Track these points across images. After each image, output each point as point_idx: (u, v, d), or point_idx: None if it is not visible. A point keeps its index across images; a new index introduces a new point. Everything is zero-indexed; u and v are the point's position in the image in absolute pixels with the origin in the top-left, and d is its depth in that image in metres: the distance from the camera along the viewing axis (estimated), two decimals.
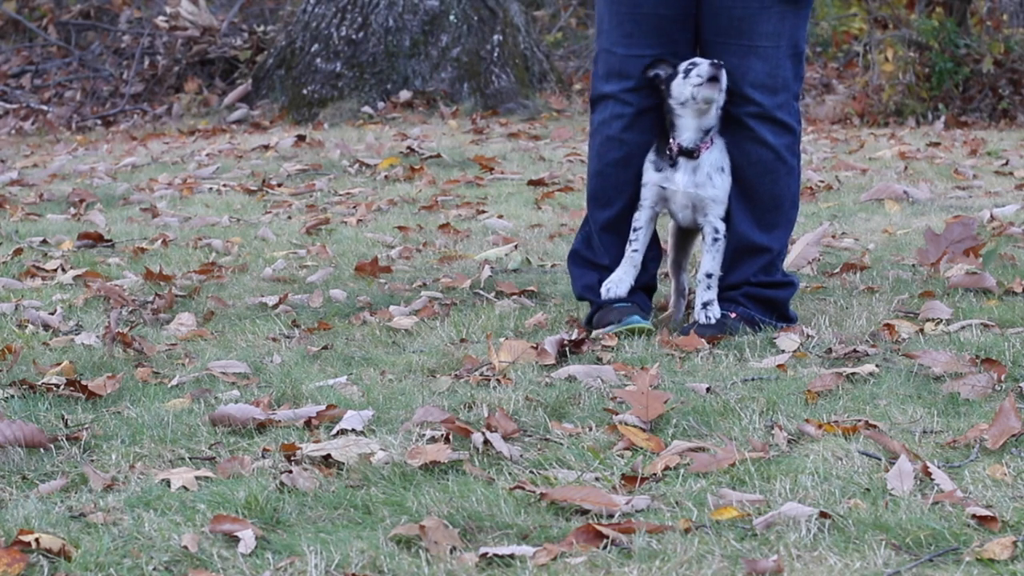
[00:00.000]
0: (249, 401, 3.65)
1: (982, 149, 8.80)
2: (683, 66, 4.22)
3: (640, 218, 4.34)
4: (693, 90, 4.20)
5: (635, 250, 4.36)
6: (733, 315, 4.30)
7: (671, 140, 4.27)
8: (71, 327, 4.63)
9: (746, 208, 4.32)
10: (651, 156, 4.33)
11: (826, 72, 13.99)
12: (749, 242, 4.33)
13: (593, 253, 4.45)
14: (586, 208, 4.53)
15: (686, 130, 4.25)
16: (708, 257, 4.32)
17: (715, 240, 4.31)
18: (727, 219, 4.31)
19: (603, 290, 4.35)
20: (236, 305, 4.94)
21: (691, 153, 4.26)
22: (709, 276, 4.31)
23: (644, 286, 4.42)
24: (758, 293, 4.34)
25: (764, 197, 4.33)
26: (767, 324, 4.32)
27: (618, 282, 4.34)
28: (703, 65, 4.18)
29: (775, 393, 3.65)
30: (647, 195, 4.33)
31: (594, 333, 4.27)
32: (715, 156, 4.28)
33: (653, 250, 4.45)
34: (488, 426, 3.36)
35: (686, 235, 4.51)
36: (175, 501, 2.95)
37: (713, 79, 4.16)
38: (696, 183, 4.28)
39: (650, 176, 4.32)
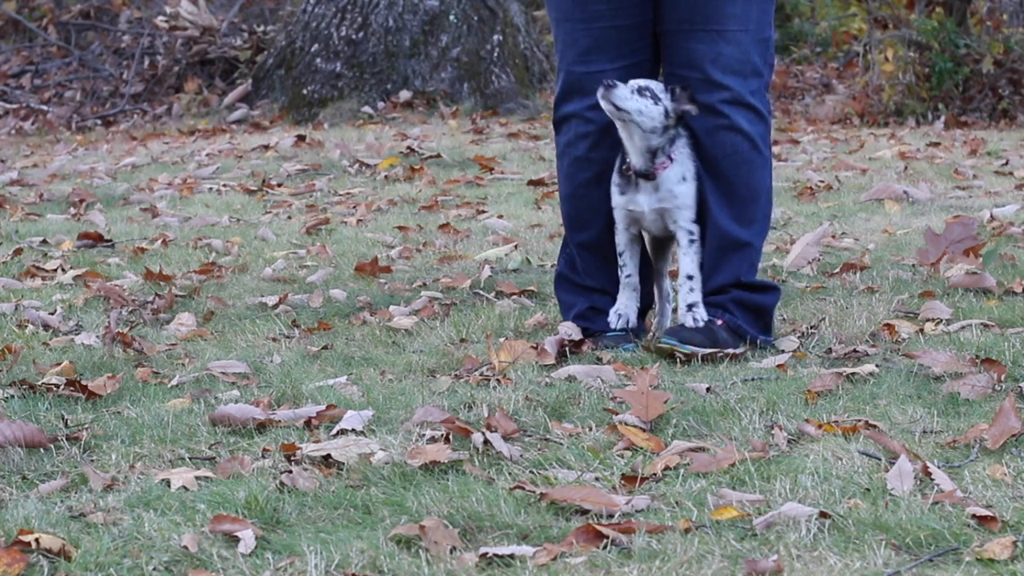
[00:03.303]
0: (249, 401, 3.65)
1: (982, 149, 8.80)
2: None
3: (621, 242, 4.26)
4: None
5: (628, 275, 4.26)
6: (720, 322, 4.14)
7: (629, 162, 4.18)
8: (71, 327, 4.63)
9: (724, 203, 4.19)
10: (615, 178, 4.23)
11: (826, 72, 13.99)
12: (732, 238, 4.19)
13: (579, 276, 4.35)
14: (564, 230, 4.42)
15: (631, 153, 4.16)
16: (687, 260, 4.19)
17: (691, 242, 4.19)
18: (706, 217, 4.19)
19: (612, 319, 4.25)
20: (236, 305, 4.94)
21: (647, 176, 4.15)
22: (690, 278, 4.19)
23: (642, 307, 4.32)
24: (747, 298, 4.19)
25: (741, 189, 4.19)
26: (751, 337, 4.16)
27: (625, 309, 4.25)
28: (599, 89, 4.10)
29: (775, 393, 3.65)
30: (619, 218, 4.24)
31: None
32: (674, 170, 4.16)
33: (644, 267, 4.34)
34: (488, 426, 3.36)
35: (662, 242, 4.40)
36: (175, 501, 2.95)
37: (602, 96, 4.05)
38: (659, 199, 4.17)
39: (616, 200, 4.23)
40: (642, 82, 4.11)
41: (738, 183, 4.19)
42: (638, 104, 4.09)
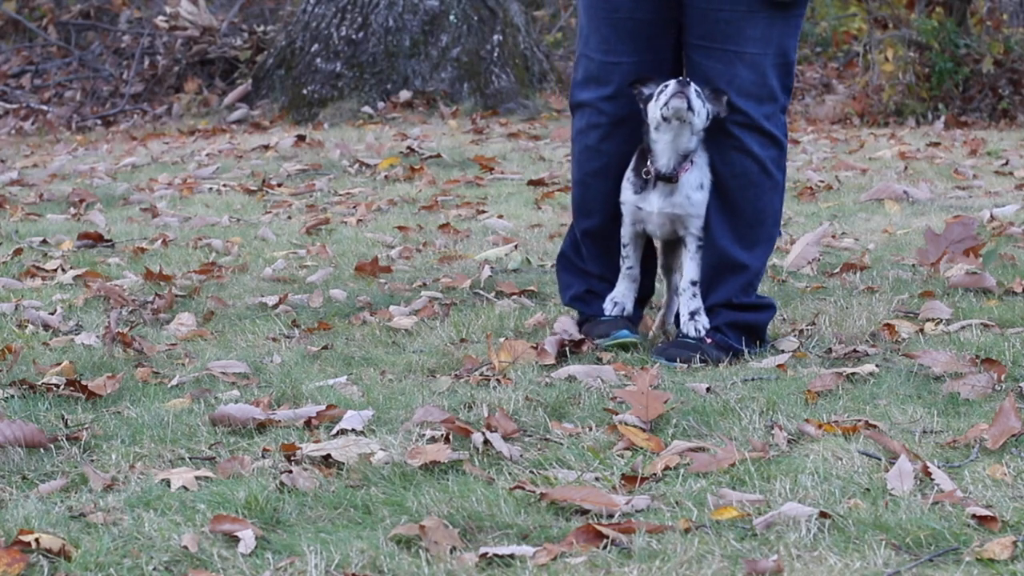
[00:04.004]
0: (249, 401, 3.65)
1: (982, 149, 8.80)
2: (658, 88, 4.07)
3: (626, 235, 4.23)
4: (663, 109, 4.03)
5: (630, 267, 4.24)
6: (709, 340, 4.11)
7: (648, 163, 4.12)
8: (71, 327, 4.63)
9: (727, 222, 4.15)
10: (629, 174, 4.18)
11: (826, 72, 13.99)
12: (729, 259, 4.15)
13: (582, 260, 4.33)
14: (572, 214, 4.41)
15: (662, 155, 4.09)
16: (692, 265, 4.17)
17: (699, 248, 4.16)
18: (706, 235, 4.16)
19: (607, 306, 4.24)
20: (236, 305, 4.94)
21: (669, 179, 4.10)
22: (694, 283, 4.16)
23: (640, 297, 4.31)
24: (738, 318, 4.15)
25: (747, 212, 4.15)
26: (742, 353, 4.11)
27: (622, 298, 4.24)
28: (670, 83, 4.04)
29: (775, 393, 3.65)
30: (626, 213, 4.20)
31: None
32: (694, 175, 4.12)
33: (645, 259, 4.31)
34: (488, 426, 3.36)
35: (673, 241, 4.34)
36: (175, 501, 2.95)
37: (679, 92, 4.00)
38: (672, 203, 4.13)
39: (627, 196, 4.19)
40: (695, 85, 4.06)
41: (743, 204, 4.15)
42: (698, 104, 4.06)
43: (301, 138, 9.58)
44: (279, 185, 7.98)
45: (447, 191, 7.63)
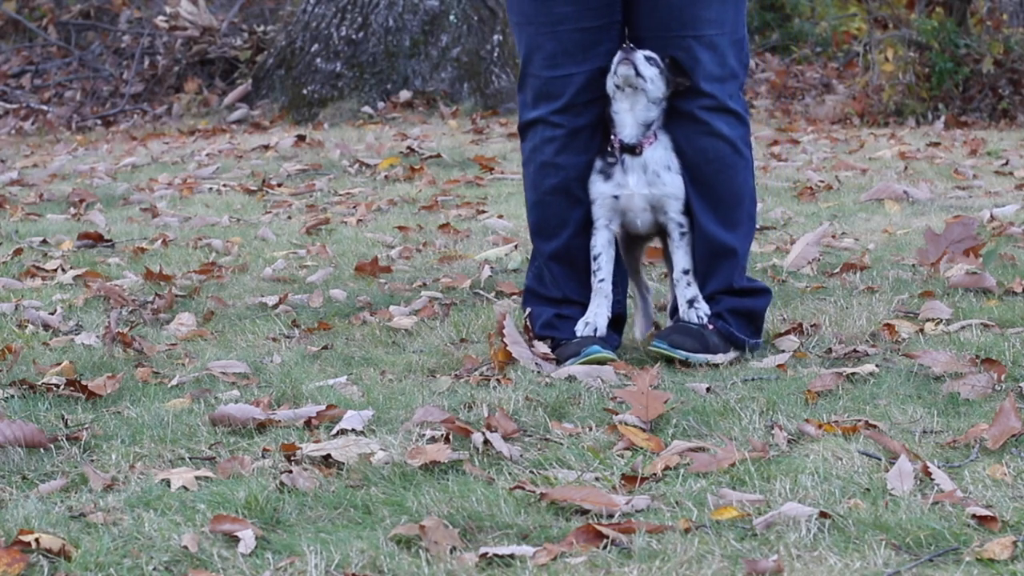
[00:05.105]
0: (249, 401, 3.65)
1: (982, 149, 8.79)
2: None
3: (598, 243, 4.12)
4: (613, 78, 4.03)
5: (602, 280, 4.12)
6: (711, 327, 4.07)
7: (612, 137, 4.08)
8: (71, 327, 4.63)
9: (709, 208, 4.10)
10: (597, 165, 4.11)
11: (826, 72, 13.98)
12: (720, 243, 4.11)
13: (547, 288, 4.20)
14: (531, 243, 4.27)
15: (625, 125, 4.05)
16: (681, 253, 4.11)
17: (683, 235, 4.11)
18: (693, 224, 4.11)
19: (579, 327, 4.09)
20: (236, 305, 4.94)
21: (633, 149, 4.07)
22: (687, 272, 4.11)
23: (613, 316, 4.15)
24: (739, 304, 4.12)
25: (725, 194, 4.12)
26: (742, 343, 4.10)
27: (594, 318, 4.11)
28: (617, 54, 4.04)
29: (775, 393, 3.65)
30: (600, 213, 4.11)
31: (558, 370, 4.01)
32: (660, 154, 4.08)
33: (618, 274, 4.18)
34: (488, 426, 3.36)
35: (635, 240, 4.28)
36: (175, 501, 2.95)
37: (624, 59, 3.99)
38: (648, 182, 4.07)
39: (599, 188, 4.11)
40: (648, 52, 4.04)
41: (721, 188, 4.12)
42: (651, 72, 4.04)
43: (301, 138, 9.58)
44: (279, 185, 7.98)
45: (447, 191, 7.63)
